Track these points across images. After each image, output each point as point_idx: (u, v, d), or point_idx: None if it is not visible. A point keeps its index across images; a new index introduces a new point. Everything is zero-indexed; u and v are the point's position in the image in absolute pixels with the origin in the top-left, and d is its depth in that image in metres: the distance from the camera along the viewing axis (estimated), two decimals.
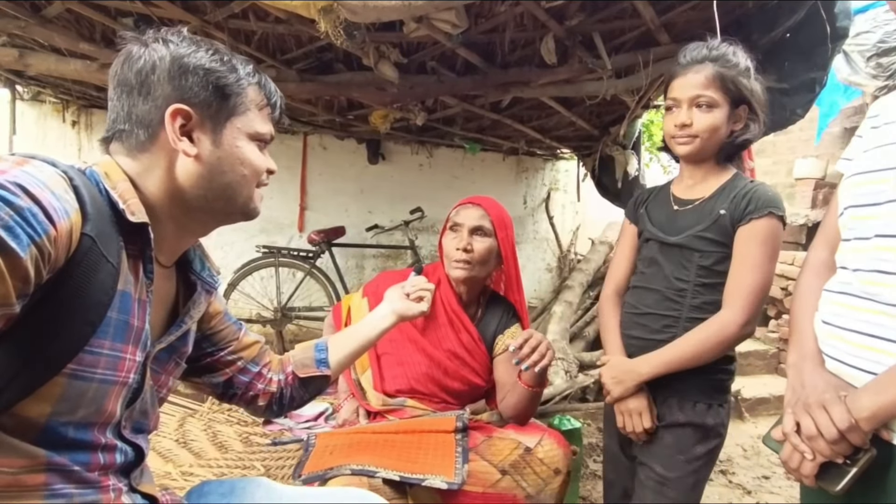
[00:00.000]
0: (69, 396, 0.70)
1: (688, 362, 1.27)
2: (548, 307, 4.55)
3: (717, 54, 1.27)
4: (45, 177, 0.65)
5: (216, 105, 0.82)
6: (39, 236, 0.60)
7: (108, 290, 0.73)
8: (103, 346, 0.73)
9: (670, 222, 1.36)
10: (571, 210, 5.91)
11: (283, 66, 2.79)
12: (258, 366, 1.12)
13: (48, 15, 2.46)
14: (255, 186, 0.88)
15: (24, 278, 0.59)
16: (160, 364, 0.90)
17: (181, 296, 0.95)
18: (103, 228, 0.72)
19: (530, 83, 2.84)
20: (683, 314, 1.31)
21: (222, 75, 0.82)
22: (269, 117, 0.90)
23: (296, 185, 5.01)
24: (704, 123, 1.27)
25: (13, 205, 0.58)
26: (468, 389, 1.58)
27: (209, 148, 0.83)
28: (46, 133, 4.53)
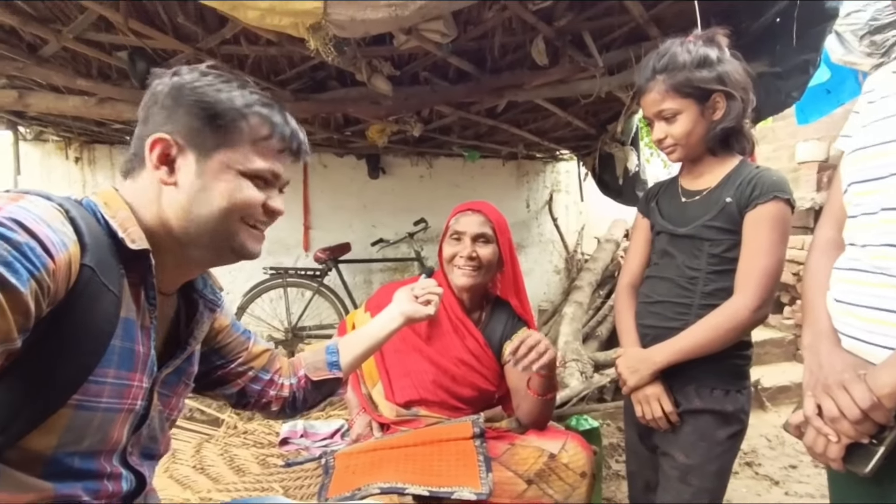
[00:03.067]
0: (75, 427, 0.70)
1: (702, 349, 1.26)
2: (558, 309, 4.52)
3: (662, 64, 1.29)
4: (40, 211, 0.65)
5: (203, 134, 0.80)
6: (38, 270, 0.60)
7: (111, 318, 0.73)
8: (108, 374, 0.73)
9: (679, 214, 1.38)
10: (575, 210, 5.90)
11: (277, 88, 2.81)
12: (269, 373, 1.11)
13: (45, 54, 2.50)
14: (237, 223, 0.82)
15: (25, 313, 0.60)
16: (169, 387, 0.90)
17: (183, 315, 0.94)
18: (103, 258, 0.72)
19: (524, 86, 2.84)
20: (696, 301, 1.31)
21: (213, 104, 0.80)
22: (272, 153, 0.83)
23: (299, 205, 5.04)
24: (676, 132, 1.31)
25: (11, 240, 0.59)
26: (479, 395, 1.57)
27: (191, 178, 0.80)
28: (50, 171, 4.59)
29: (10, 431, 0.65)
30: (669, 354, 1.29)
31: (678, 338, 1.29)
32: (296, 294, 4.51)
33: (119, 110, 2.58)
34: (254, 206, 0.82)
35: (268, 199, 0.85)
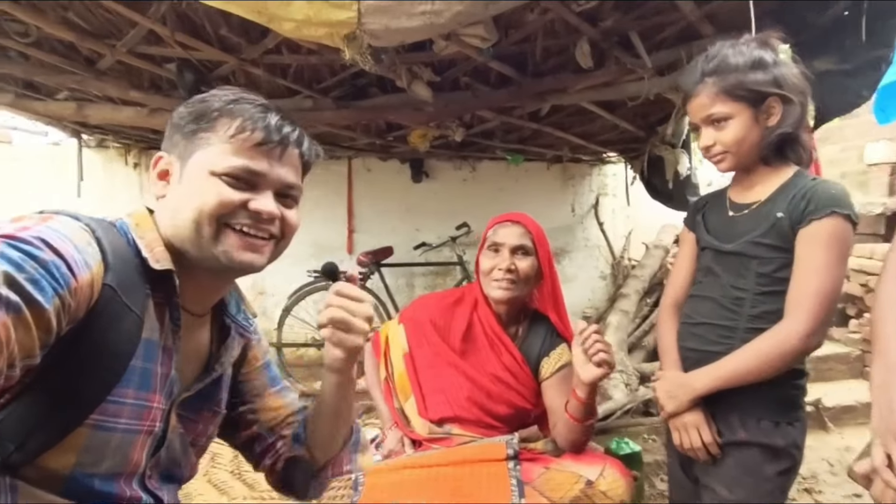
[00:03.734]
0: (93, 447, 0.70)
1: (746, 377, 1.17)
2: (603, 317, 4.39)
3: (712, 66, 1.21)
4: (68, 231, 0.67)
5: (183, 145, 0.79)
6: (62, 288, 0.61)
7: (132, 339, 0.73)
8: (127, 395, 0.72)
9: (726, 229, 1.29)
10: (622, 215, 5.70)
11: (319, 96, 2.84)
12: (274, 436, 1.00)
13: (101, 67, 2.62)
14: (214, 226, 0.77)
15: (48, 329, 0.60)
16: (193, 411, 0.88)
17: (215, 341, 0.93)
18: (126, 278, 0.72)
19: (567, 90, 2.76)
20: (741, 324, 1.22)
21: (187, 116, 0.79)
22: (247, 150, 0.78)
23: (343, 209, 5.11)
24: (726, 138, 1.22)
25: (38, 259, 0.60)
26: (515, 413, 1.51)
27: (174, 187, 0.80)
28: (113, 176, 4.83)
29: (28, 448, 0.66)
30: (711, 381, 1.21)
31: (721, 363, 1.20)
32: None
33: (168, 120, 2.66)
34: (227, 206, 0.77)
35: (250, 200, 0.78)
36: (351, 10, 1.44)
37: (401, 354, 1.57)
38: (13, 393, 0.66)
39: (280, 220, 0.83)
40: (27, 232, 0.62)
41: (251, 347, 1.01)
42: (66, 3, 2.18)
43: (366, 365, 1.74)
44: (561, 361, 1.54)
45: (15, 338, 0.56)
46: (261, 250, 0.81)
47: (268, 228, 0.81)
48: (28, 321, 0.57)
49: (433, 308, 1.58)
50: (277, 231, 0.83)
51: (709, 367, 1.22)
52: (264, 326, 5.17)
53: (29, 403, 0.66)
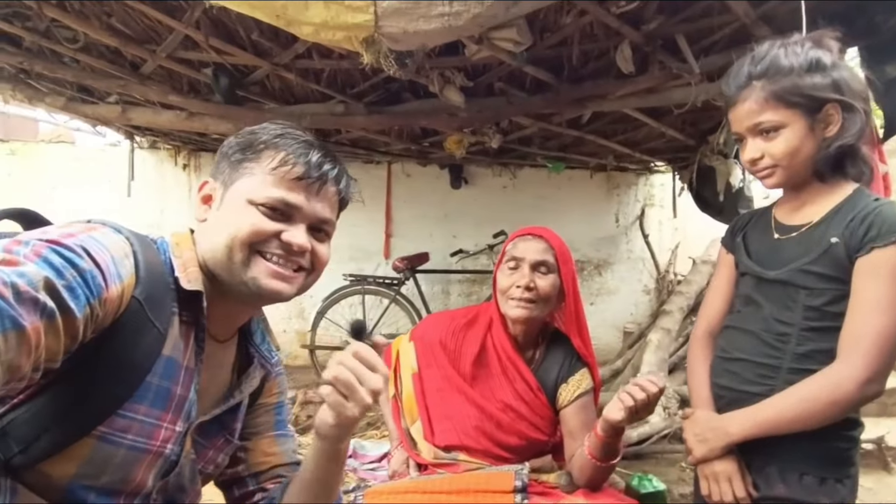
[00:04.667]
0: (95, 460, 0.70)
1: (789, 425, 1.03)
2: (644, 333, 4.18)
3: (762, 68, 1.06)
4: (108, 242, 0.69)
5: (227, 173, 0.82)
6: (94, 297, 0.63)
7: (151, 354, 0.73)
8: (138, 411, 0.72)
9: (770, 253, 1.14)
10: (669, 227, 5.45)
11: (352, 101, 2.83)
12: (255, 484, 0.95)
13: (145, 72, 2.70)
14: (245, 252, 0.78)
15: (75, 336, 0.61)
16: (208, 438, 0.87)
17: (237, 370, 0.93)
18: (154, 293, 0.73)
19: (607, 96, 2.63)
20: (785, 363, 1.07)
21: (235, 146, 0.83)
22: (287, 183, 0.80)
23: (381, 213, 5.12)
24: (777, 150, 1.07)
25: (78, 267, 0.62)
26: (527, 445, 1.41)
27: (214, 212, 0.83)
28: (164, 176, 5.02)
29: (31, 452, 0.66)
30: (748, 427, 1.06)
31: (760, 407, 1.06)
32: (373, 301, 4.56)
33: (206, 123, 2.73)
34: (260, 235, 0.78)
35: (283, 231, 0.79)
36: (368, 13, 1.40)
37: (410, 374, 1.49)
38: (28, 394, 0.66)
39: (311, 253, 0.83)
40: (71, 239, 0.64)
41: (269, 380, 0.99)
42: (109, 10, 2.26)
43: None
44: (581, 388, 1.42)
45: (44, 343, 0.56)
46: (290, 280, 0.82)
47: (297, 260, 0.82)
48: (59, 327, 0.58)
49: (443, 329, 1.49)
50: (307, 264, 0.84)
51: (746, 411, 1.08)
52: (300, 328, 5.26)
53: (40, 407, 0.66)
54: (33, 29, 2.40)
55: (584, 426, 1.38)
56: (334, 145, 4.20)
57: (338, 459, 0.86)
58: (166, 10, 2.15)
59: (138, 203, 4.74)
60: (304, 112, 2.89)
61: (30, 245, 0.60)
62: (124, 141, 4.72)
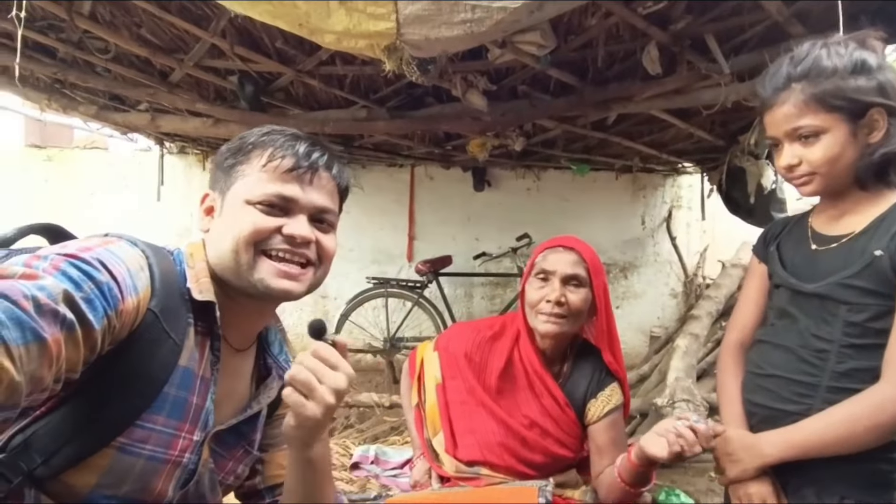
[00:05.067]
0: (115, 470, 0.71)
1: (829, 448, 0.97)
2: (672, 338, 4.09)
3: (802, 70, 1.00)
4: (125, 255, 0.70)
5: (223, 181, 0.83)
6: (112, 309, 0.64)
7: (168, 365, 0.74)
8: (156, 421, 0.73)
9: (807, 265, 1.08)
10: (698, 229, 5.32)
11: (374, 106, 2.84)
12: (271, 497, 0.96)
13: (173, 80, 2.75)
14: (251, 253, 0.78)
15: (93, 348, 0.62)
16: (226, 448, 0.87)
17: (255, 380, 0.93)
18: (170, 305, 0.74)
19: (633, 98, 2.58)
20: (823, 382, 1.01)
21: (227, 152, 0.84)
22: (279, 177, 0.80)
23: (404, 216, 5.12)
24: (815, 157, 1.01)
25: (95, 279, 0.63)
26: (552, 462, 1.37)
27: (216, 220, 0.83)
28: (192, 180, 5.11)
29: (53, 463, 0.67)
30: (785, 448, 1.01)
31: (798, 427, 1.01)
32: (396, 304, 4.57)
33: (231, 130, 2.76)
34: (262, 232, 0.79)
35: (284, 225, 0.80)
36: (389, 20, 1.39)
37: (434, 384, 1.47)
38: (49, 406, 0.68)
39: (316, 245, 0.83)
40: (89, 253, 0.65)
41: None
42: (139, 20, 2.30)
43: (401, 385, 1.67)
44: (610, 404, 1.38)
45: (64, 354, 0.57)
46: (297, 278, 0.81)
47: (304, 253, 0.82)
48: (78, 339, 0.59)
49: (469, 341, 1.45)
50: (314, 256, 0.83)
51: (783, 431, 1.03)
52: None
53: (60, 419, 0.68)
54: (67, 40, 2.47)
55: (613, 444, 1.34)
56: (358, 150, 4.23)
57: (312, 469, 0.81)
58: (193, 20, 2.18)
59: (168, 207, 4.84)
60: (327, 118, 2.91)
61: (49, 259, 0.62)
62: (154, 147, 4.83)
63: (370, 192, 5.02)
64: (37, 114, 4.08)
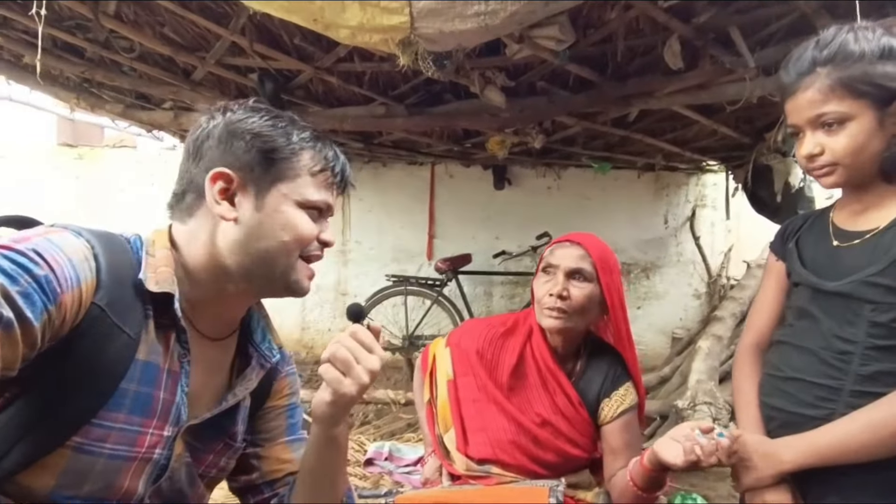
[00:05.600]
0: (74, 470, 0.68)
1: (853, 455, 0.93)
2: (694, 340, 4.01)
3: (828, 54, 0.96)
4: (65, 245, 0.67)
5: (261, 169, 0.79)
6: (51, 304, 0.61)
7: (123, 360, 0.71)
8: (116, 419, 0.70)
9: (829, 262, 1.04)
10: (722, 229, 5.21)
11: (393, 103, 2.84)
12: (270, 491, 0.94)
13: (196, 78, 2.80)
14: (296, 256, 0.81)
15: (32, 345, 0.60)
16: (204, 441, 0.85)
17: (237, 370, 0.90)
18: (120, 297, 0.71)
19: (655, 93, 2.53)
20: (847, 385, 0.97)
21: (269, 139, 0.79)
22: (326, 185, 0.84)
23: (424, 214, 5.13)
24: (839, 146, 0.96)
25: (31, 272, 0.60)
26: (564, 462, 1.34)
27: (250, 212, 0.79)
28: None
29: (5, 465, 0.65)
30: (805, 455, 0.97)
31: (820, 433, 0.96)
32: (415, 302, 4.59)
33: None
34: (312, 239, 0.82)
35: (321, 231, 0.83)
36: (403, 14, 1.39)
37: (445, 380, 1.46)
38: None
39: None
40: (25, 244, 0.62)
41: (277, 379, 0.96)
42: (162, 20, 2.35)
43: (414, 382, 1.66)
44: (625, 404, 1.35)
45: (1, 354, 0.56)
46: (313, 277, 0.85)
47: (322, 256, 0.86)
48: (16, 337, 0.57)
49: (481, 337, 1.43)
50: None
51: (804, 437, 0.98)
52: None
53: (8, 419, 0.65)
54: (94, 40, 2.53)
55: (626, 445, 1.32)
56: (377, 147, 4.24)
57: (336, 447, 0.84)
58: (214, 18, 2.21)
59: None
60: (346, 114, 2.93)
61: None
62: (180, 145, 4.94)
63: (390, 190, 5.04)
64: (67, 113, 4.22)
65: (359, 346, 0.76)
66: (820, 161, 0.99)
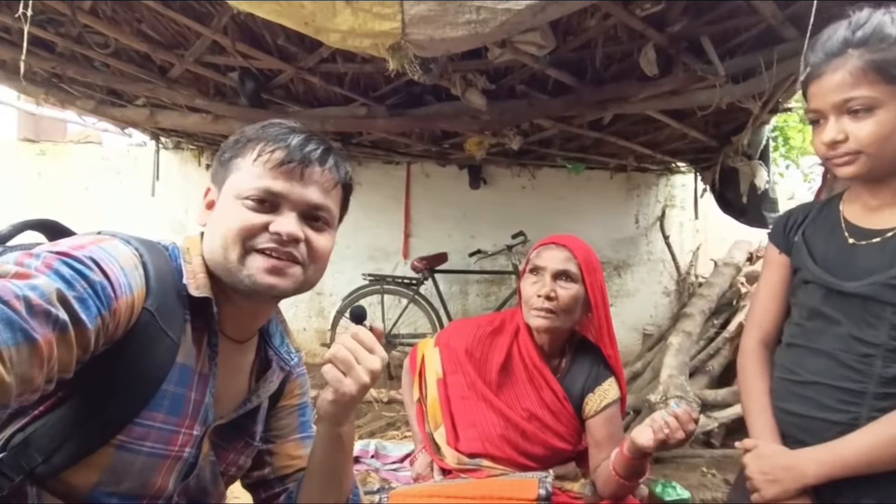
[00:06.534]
0: (116, 467, 0.71)
1: (882, 464, 0.89)
2: (664, 336, 4.14)
3: (862, 35, 0.90)
4: (118, 253, 0.70)
5: (220, 175, 0.82)
6: (105, 309, 0.63)
7: (165, 363, 0.74)
8: (156, 419, 0.73)
9: (844, 260, 0.99)
10: (690, 228, 5.38)
11: (374, 103, 2.85)
12: (281, 486, 0.97)
13: (173, 76, 2.75)
14: (238, 251, 0.77)
15: (86, 348, 0.62)
16: (227, 440, 0.88)
17: (256, 372, 0.93)
18: (166, 302, 0.74)
19: (630, 99, 2.61)
20: (870, 388, 0.93)
21: (227, 146, 0.83)
22: (273, 171, 0.78)
23: (400, 213, 5.14)
24: (865, 134, 0.90)
25: (88, 278, 0.62)
26: (552, 454, 1.41)
27: (212, 214, 0.82)
28: (187, 176, 5.10)
29: (53, 462, 0.67)
30: (830, 466, 0.91)
31: (845, 442, 0.91)
32: (392, 301, 4.59)
33: (230, 126, 2.77)
34: (249, 230, 0.77)
35: (271, 222, 0.77)
36: (395, 20, 1.41)
37: (434, 379, 1.50)
38: (47, 405, 0.68)
39: (306, 243, 0.80)
40: (82, 251, 0.65)
41: (290, 380, 0.99)
42: (140, 16, 2.30)
43: (402, 382, 1.69)
44: (607, 399, 1.41)
45: (56, 355, 0.57)
46: (284, 273, 0.79)
47: (290, 252, 0.79)
48: (71, 340, 0.58)
49: (469, 337, 1.48)
50: (302, 255, 0.80)
51: (828, 448, 0.93)
52: (319, 326, 5.32)
53: (61, 417, 0.68)
54: (66, 34, 2.46)
55: (609, 437, 1.38)
56: (355, 147, 4.24)
57: (340, 446, 0.87)
58: (195, 16, 2.19)
59: (163, 202, 4.83)
60: (326, 115, 2.93)
61: (41, 257, 0.61)
62: (150, 142, 4.82)
63: (366, 189, 5.03)
64: (31, 107, 4.07)
65: (360, 347, 0.79)
66: (843, 149, 0.93)
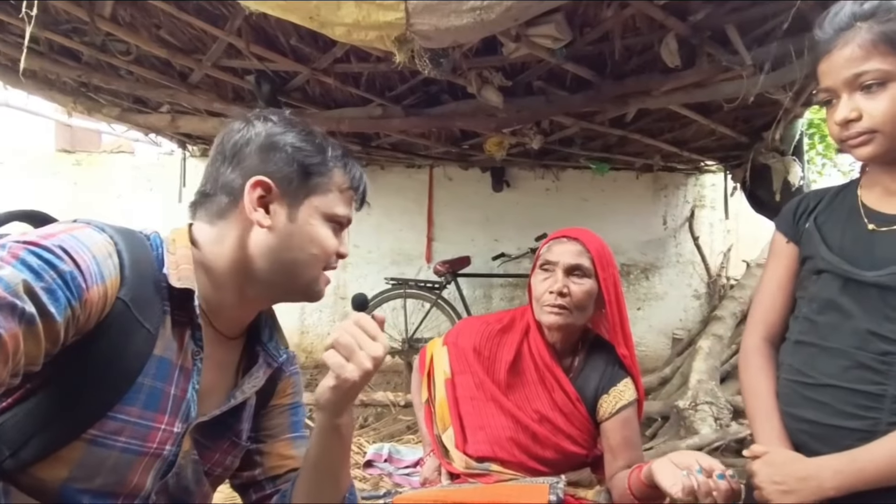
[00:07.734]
0: (87, 463, 0.69)
1: None
2: (694, 340, 4.00)
3: (871, 7, 0.86)
4: (90, 241, 0.67)
5: (297, 182, 0.82)
6: (76, 300, 0.61)
7: (141, 355, 0.71)
8: (130, 413, 0.71)
9: (864, 249, 0.93)
10: (721, 229, 5.20)
11: (390, 104, 2.84)
12: (272, 487, 0.94)
13: (192, 81, 2.80)
14: (321, 268, 0.85)
15: (55, 340, 0.60)
16: (211, 439, 0.85)
17: (243, 368, 0.91)
18: (142, 293, 0.72)
19: (652, 92, 2.53)
20: (890, 391, 0.86)
21: (308, 154, 0.83)
22: (350, 201, 0.88)
23: (423, 217, 5.13)
24: (880, 111, 0.86)
25: (57, 268, 0.60)
26: (564, 459, 1.33)
27: (283, 222, 0.81)
28: None
29: (21, 456, 0.65)
30: (849, 477, 0.86)
31: (868, 452, 0.86)
32: (415, 305, 4.57)
33: None
34: (335, 253, 0.86)
35: (340, 245, 0.87)
36: (399, 10, 1.38)
37: (443, 379, 1.44)
38: (15, 397, 0.66)
39: None
40: (50, 240, 0.62)
41: (281, 379, 0.96)
42: (158, 22, 2.35)
43: (412, 382, 1.65)
44: (623, 400, 1.33)
45: (23, 349, 0.55)
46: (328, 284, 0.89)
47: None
48: (39, 333, 0.57)
49: (477, 335, 1.42)
50: None
51: (847, 458, 0.87)
52: None
53: (30, 410, 0.66)
54: (90, 43, 2.53)
55: (625, 442, 1.30)
56: (375, 150, 4.24)
57: (338, 439, 0.84)
58: (210, 20, 2.21)
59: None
60: (343, 115, 2.93)
61: (6, 248, 0.58)
62: (178, 150, 4.93)
63: (389, 193, 5.04)
64: (65, 118, 4.21)
65: (362, 333, 0.77)
66: (856, 128, 0.88)
